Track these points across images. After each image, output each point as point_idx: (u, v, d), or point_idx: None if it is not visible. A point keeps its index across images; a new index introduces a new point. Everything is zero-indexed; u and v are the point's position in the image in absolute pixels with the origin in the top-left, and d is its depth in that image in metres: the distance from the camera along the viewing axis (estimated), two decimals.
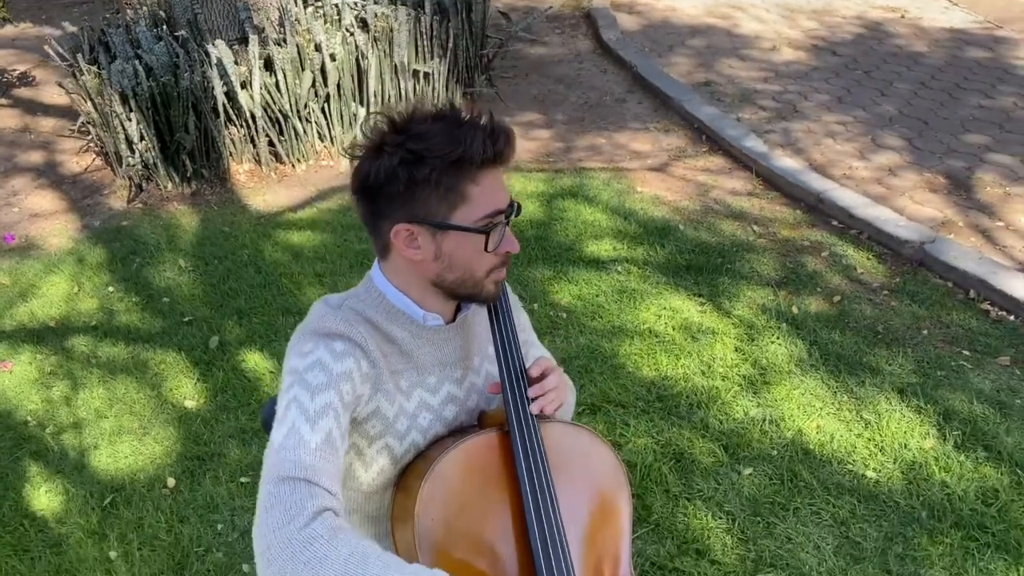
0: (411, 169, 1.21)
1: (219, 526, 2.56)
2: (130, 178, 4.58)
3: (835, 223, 4.24)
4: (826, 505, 2.55)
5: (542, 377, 1.38)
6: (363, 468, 1.37)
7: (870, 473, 2.66)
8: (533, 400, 1.35)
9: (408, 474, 1.37)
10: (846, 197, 4.31)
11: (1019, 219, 4.23)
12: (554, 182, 4.66)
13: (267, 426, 1.71)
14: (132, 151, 4.49)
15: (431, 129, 1.22)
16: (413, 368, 1.36)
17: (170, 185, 4.63)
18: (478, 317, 1.47)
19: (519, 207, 1.34)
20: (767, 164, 4.70)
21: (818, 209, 4.37)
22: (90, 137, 4.98)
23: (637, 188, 4.60)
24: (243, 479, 2.72)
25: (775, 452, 2.75)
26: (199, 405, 3.06)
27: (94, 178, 4.86)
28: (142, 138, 4.46)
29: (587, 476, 1.40)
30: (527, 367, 1.40)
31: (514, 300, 1.53)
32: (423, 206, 1.24)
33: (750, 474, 2.67)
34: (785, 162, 4.72)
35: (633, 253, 3.92)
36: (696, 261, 3.83)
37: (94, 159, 5.00)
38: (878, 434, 2.81)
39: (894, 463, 2.69)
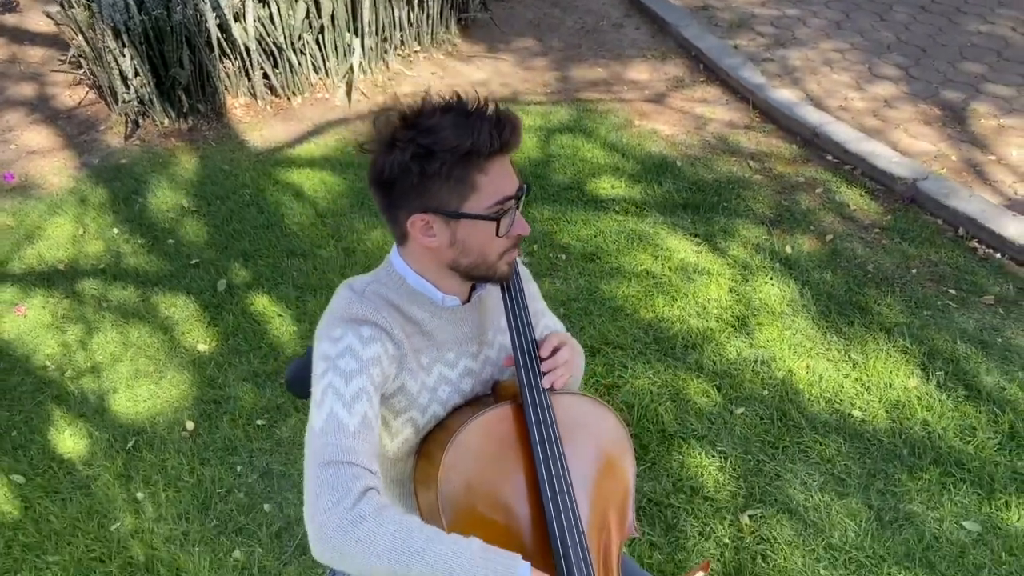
0: (423, 163, 1.27)
1: (239, 467, 2.70)
2: (126, 115, 4.56)
3: (830, 158, 4.29)
4: (813, 443, 2.70)
5: (554, 352, 1.47)
6: (389, 439, 1.47)
7: (856, 412, 2.80)
8: (544, 375, 1.45)
9: (429, 442, 1.48)
10: (841, 132, 4.34)
11: (1010, 152, 4.29)
12: (551, 116, 4.67)
13: (291, 387, 1.81)
14: (127, 87, 4.46)
15: (440, 123, 1.27)
16: (433, 345, 1.45)
17: (166, 121, 4.61)
18: (492, 294, 1.55)
19: (529, 188, 1.40)
20: (764, 96, 4.71)
21: (814, 143, 4.40)
22: (82, 70, 4.93)
23: (635, 122, 4.62)
24: (259, 422, 2.85)
25: (766, 392, 2.89)
26: (211, 349, 3.16)
27: (88, 113, 4.82)
28: (136, 74, 4.42)
29: (593, 441, 1.51)
30: (539, 341, 1.49)
31: (524, 272, 1.61)
32: (436, 197, 1.30)
33: (742, 413, 2.81)
34: (782, 94, 4.72)
35: (631, 192, 3.98)
36: (693, 200, 3.89)
37: (87, 93, 4.95)
38: (865, 374, 2.94)
39: (879, 402, 2.84)
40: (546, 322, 1.69)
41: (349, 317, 1.35)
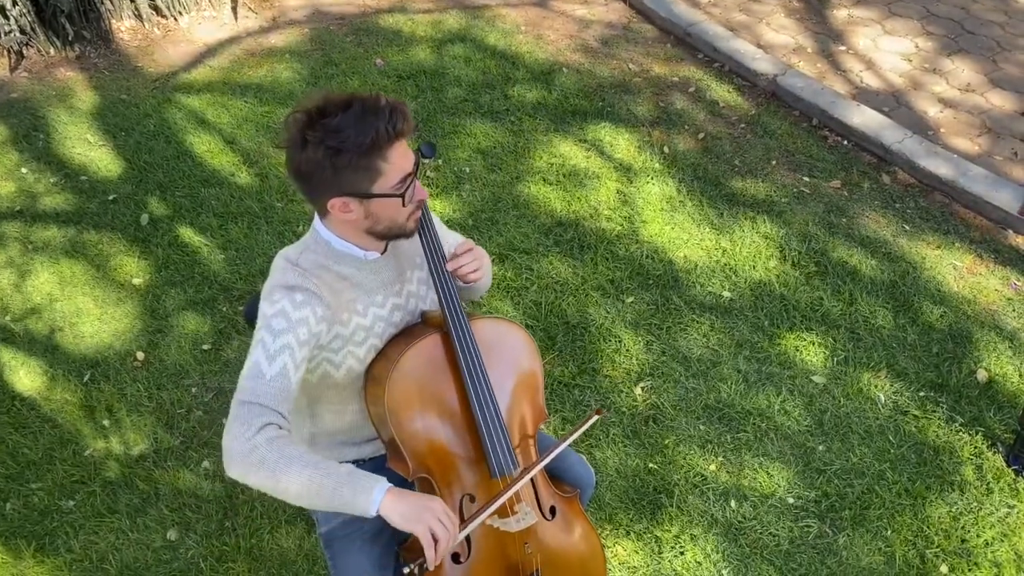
0: (333, 159, 1.55)
1: (193, 389, 2.99)
2: (8, 48, 4.47)
3: (701, 56, 4.67)
4: (692, 323, 3.19)
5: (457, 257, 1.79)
6: (335, 369, 1.78)
7: (726, 293, 3.31)
8: (454, 273, 1.77)
9: (374, 368, 1.81)
10: (710, 30, 4.71)
11: (859, 42, 4.77)
12: (441, 25, 4.84)
13: (249, 318, 2.11)
14: (6, 17, 4.36)
15: (342, 122, 1.53)
16: (364, 293, 1.77)
17: (52, 50, 4.55)
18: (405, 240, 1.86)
19: (433, 148, 1.72)
20: None
21: (686, 42, 4.76)
22: None
23: (521, 28, 4.85)
24: (204, 346, 3.12)
25: (651, 282, 3.35)
26: (146, 282, 3.37)
27: None
28: (15, 3, 4.32)
29: (507, 354, 1.87)
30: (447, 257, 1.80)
31: (430, 215, 1.91)
32: (349, 184, 1.59)
33: (632, 302, 3.27)
34: None
35: (523, 100, 4.27)
36: (580, 106, 4.23)
37: None
38: (733, 259, 3.43)
39: (745, 283, 3.34)
40: (451, 240, 1.99)
41: (285, 284, 1.65)
